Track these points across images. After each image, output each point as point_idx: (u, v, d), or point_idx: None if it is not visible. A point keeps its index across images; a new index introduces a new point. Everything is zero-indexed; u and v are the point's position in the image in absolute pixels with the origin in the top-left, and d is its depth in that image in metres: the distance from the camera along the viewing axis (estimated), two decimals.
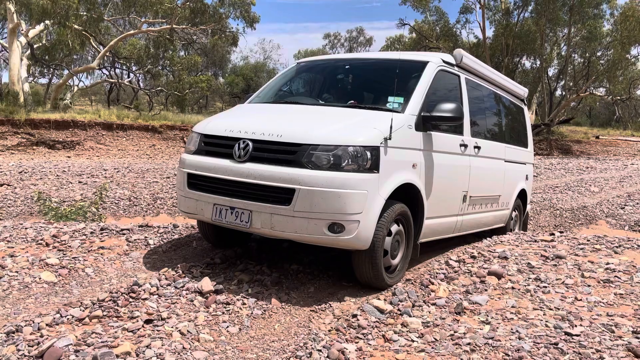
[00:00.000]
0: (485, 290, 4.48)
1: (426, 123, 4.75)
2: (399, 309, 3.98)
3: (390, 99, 4.81)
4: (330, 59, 6.25)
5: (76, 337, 3.26)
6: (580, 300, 4.27)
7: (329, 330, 3.64)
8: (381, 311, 3.93)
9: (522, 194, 7.65)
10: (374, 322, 3.76)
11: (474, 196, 5.81)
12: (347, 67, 5.91)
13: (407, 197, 4.62)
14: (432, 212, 4.99)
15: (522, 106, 7.99)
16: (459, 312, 3.96)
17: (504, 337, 3.49)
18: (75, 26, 24.63)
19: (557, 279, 4.77)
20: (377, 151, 4.12)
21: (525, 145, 7.86)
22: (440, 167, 4.99)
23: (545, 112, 35.03)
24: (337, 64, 6.08)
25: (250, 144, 4.25)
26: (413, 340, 3.49)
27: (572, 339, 3.48)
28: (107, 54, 27.97)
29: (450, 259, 5.31)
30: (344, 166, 4.00)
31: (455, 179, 5.39)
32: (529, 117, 8.10)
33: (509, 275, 4.86)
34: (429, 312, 3.97)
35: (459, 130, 5.47)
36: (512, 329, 3.63)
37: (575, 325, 3.71)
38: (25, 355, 3.05)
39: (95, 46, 28.67)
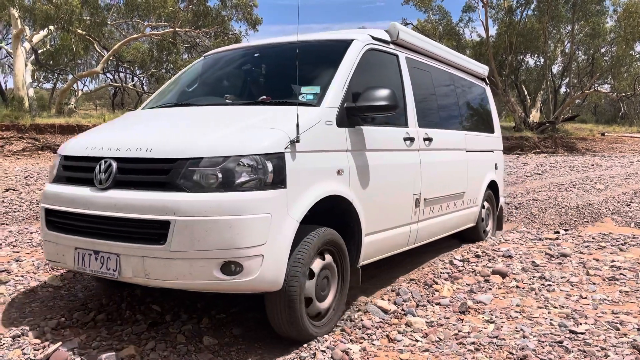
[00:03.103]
0: (490, 289, 4.47)
1: (352, 116, 3.80)
2: (402, 309, 3.97)
3: (303, 89, 3.84)
4: (239, 48, 5.15)
5: None
6: (585, 298, 4.26)
7: (333, 331, 3.64)
8: (385, 311, 3.92)
9: (493, 186, 6.77)
10: (378, 322, 3.76)
11: (430, 198, 4.87)
12: (256, 55, 4.85)
13: (335, 213, 3.75)
14: (374, 226, 4.05)
15: (484, 86, 7.13)
16: (463, 312, 3.95)
17: (508, 336, 3.49)
18: (79, 31, 24.74)
19: (562, 277, 4.75)
20: (281, 159, 3.15)
21: (491, 130, 6.98)
22: (379, 168, 4.05)
23: (549, 109, 34.93)
24: (246, 54, 4.98)
25: (114, 164, 3.22)
26: (417, 340, 3.49)
27: (577, 337, 3.47)
28: (111, 58, 28.09)
29: (455, 258, 5.31)
30: (237, 184, 3.02)
31: (401, 180, 4.42)
32: (492, 98, 7.25)
33: (514, 274, 4.85)
34: (433, 312, 3.97)
35: (401, 121, 4.52)
36: (516, 328, 3.62)
37: (580, 324, 3.69)
38: None
39: (99, 50, 28.77)
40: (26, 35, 24.24)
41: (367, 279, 4.69)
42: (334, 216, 3.73)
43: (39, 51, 26.69)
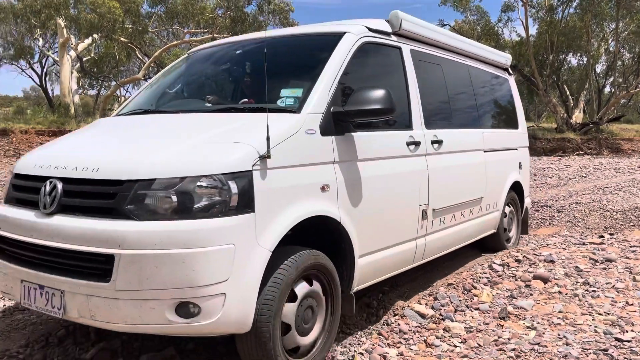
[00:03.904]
0: (531, 294, 4.38)
1: (341, 122, 3.30)
2: (440, 314, 3.93)
3: (283, 93, 3.39)
4: (224, 44, 4.50)
5: None
6: (632, 305, 4.11)
7: (370, 333, 3.63)
8: (422, 316, 3.89)
9: (517, 188, 6.13)
10: (415, 326, 3.73)
11: (440, 208, 4.30)
12: (239, 52, 4.27)
13: (322, 233, 3.28)
14: (371, 246, 3.56)
15: (507, 77, 6.40)
16: (503, 317, 3.88)
17: (550, 343, 3.40)
18: (122, 39, 25.48)
19: (606, 283, 4.61)
20: (248, 179, 2.68)
21: (515, 126, 6.30)
22: (375, 180, 3.54)
23: (593, 110, 33.91)
24: (230, 50, 4.36)
25: (59, 185, 2.79)
26: (455, 346, 3.44)
27: (623, 345, 3.36)
28: (152, 64, 28.77)
29: (494, 263, 5.21)
30: (194, 210, 2.56)
31: (403, 191, 3.86)
32: (517, 90, 6.58)
33: (556, 279, 4.73)
34: (472, 317, 3.91)
35: (403, 123, 3.98)
36: (559, 335, 3.53)
37: (626, 331, 3.57)
38: None
39: (141, 57, 29.54)
40: (72, 44, 25.12)
41: (405, 282, 4.66)
42: (325, 234, 3.30)
43: (84, 59, 27.58)
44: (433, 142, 4.22)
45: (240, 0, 28.26)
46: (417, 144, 4.01)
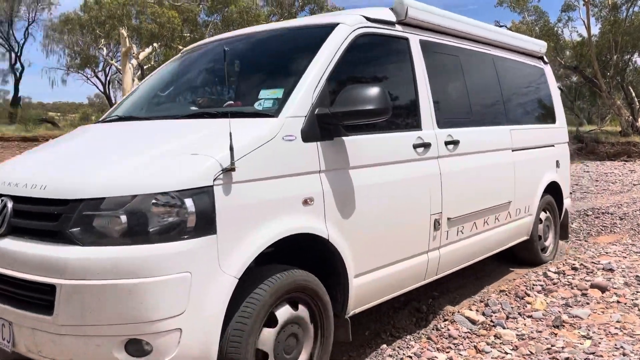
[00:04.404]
0: (587, 303, 4.26)
1: (328, 126, 2.91)
2: (491, 320, 3.89)
3: (262, 94, 3.03)
4: (216, 40, 4.14)
5: None
6: None
7: (419, 337, 3.65)
8: (473, 322, 3.86)
9: (554, 189, 5.52)
10: (465, 332, 3.71)
11: (457, 216, 3.87)
12: (227, 49, 3.64)
13: (312, 250, 2.94)
14: (370, 263, 3.19)
15: (542, 66, 5.79)
16: (557, 326, 3.80)
17: (606, 353, 3.31)
18: (180, 47, 26.38)
19: None
20: (208, 196, 2.34)
21: (552, 120, 5.70)
22: (374, 189, 3.17)
23: None
24: (219, 47, 3.93)
25: (9, 204, 2.52)
26: (506, 353, 3.41)
27: None
28: None
29: (549, 271, 5.09)
30: (145, 233, 2.25)
31: (409, 200, 3.45)
32: (554, 80, 5.97)
33: (615, 288, 4.58)
34: (524, 325, 3.85)
35: (410, 123, 3.57)
36: (616, 345, 3.43)
37: None
38: None
39: None
40: (133, 53, 26.20)
41: (455, 288, 4.63)
42: (315, 251, 2.96)
43: (145, 67, 28.72)
44: (447, 143, 3.80)
45: (293, 7, 28.69)
46: (426, 145, 3.59)
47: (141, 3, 26.65)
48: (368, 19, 3.44)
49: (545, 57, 5.89)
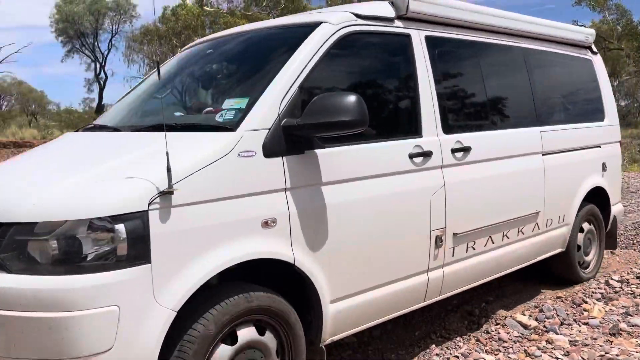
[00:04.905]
0: None
1: (297, 138, 2.62)
2: (544, 326, 3.88)
3: (226, 103, 2.77)
4: (211, 39, 3.84)
5: None
6: None
7: (468, 339, 3.71)
8: (525, 326, 3.87)
9: (599, 195, 4.93)
10: (516, 336, 3.73)
11: (465, 231, 3.48)
12: (209, 52, 3.61)
13: (273, 273, 2.69)
14: (351, 286, 2.90)
15: (589, 57, 5.15)
16: (614, 334, 3.74)
17: None
18: None
19: None
20: (141, 222, 2.13)
21: (599, 118, 5.06)
22: (355, 206, 2.86)
23: None
24: (207, 47, 3.69)
25: None
26: (557, 358, 3.41)
27: None
28: None
29: (612, 279, 4.96)
30: (75, 262, 2.08)
31: (403, 215, 3.11)
32: (604, 73, 5.33)
33: None
34: (579, 331, 3.81)
35: (407, 130, 3.24)
36: None
37: None
38: None
39: None
40: None
41: (511, 294, 4.63)
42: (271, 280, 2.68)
43: None
44: (455, 151, 3.42)
45: None
46: (427, 154, 3.22)
47: (214, 13, 27.82)
48: (358, 15, 3.09)
49: (593, 47, 5.27)
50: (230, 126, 2.54)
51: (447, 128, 3.42)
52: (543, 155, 4.22)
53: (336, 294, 2.81)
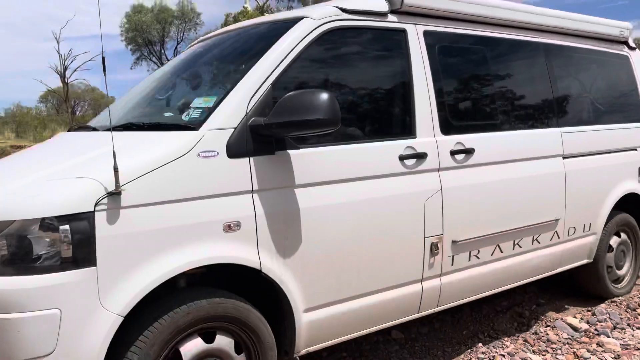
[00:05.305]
0: None
1: (267, 138, 2.51)
2: (596, 329, 3.85)
3: (195, 102, 2.69)
4: (209, 37, 3.75)
5: None
6: None
7: (516, 339, 3.74)
8: (575, 329, 3.86)
9: (633, 203, 4.52)
10: (566, 338, 3.73)
11: (466, 239, 3.27)
12: (199, 50, 3.55)
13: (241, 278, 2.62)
14: (330, 295, 2.75)
15: (625, 52, 4.77)
16: None
17: None
18: None
19: None
20: (87, 223, 2.09)
21: (635, 117, 4.68)
22: (335, 210, 2.72)
23: None
24: (201, 45, 3.64)
25: None
26: None
27: None
28: None
29: None
30: (18, 263, 2.06)
31: (390, 221, 2.93)
32: None
33: None
34: (632, 336, 3.77)
35: (398, 131, 3.09)
36: None
37: None
38: None
39: None
40: None
41: (563, 297, 4.59)
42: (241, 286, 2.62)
43: None
44: (455, 153, 3.22)
45: None
46: (420, 156, 3.05)
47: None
48: (345, 10, 2.94)
49: (631, 42, 4.88)
50: (194, 125, 2.46)
51: (447, 128, 3.22)
52: (564, 158, 3.91)
53: (311, 302, 2.68)
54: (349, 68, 3.06)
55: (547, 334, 3.78)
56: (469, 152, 3.29)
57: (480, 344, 3.67)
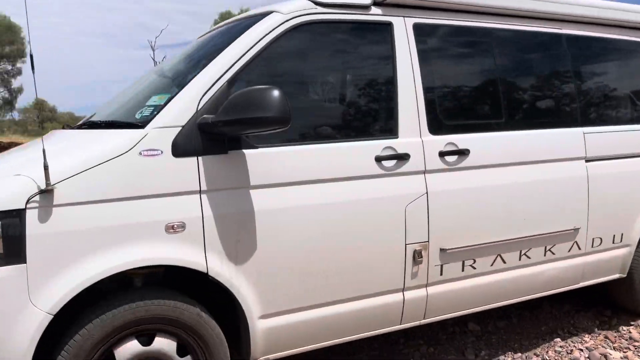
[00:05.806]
0: None
1: (219, 137, 2.43)
2: None
3: (151, 100, 2.62)
4: (201, 35, 3.69)
5: None
6: None
7: (597, 335, 3.73)
8: None
9: None
10: None
11: (457, 247, 3.03)
12: (191, 49, 3.41)
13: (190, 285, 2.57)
14: (293, 300, 2.63)
15: None
16: None
17: None
18: None
19: None
20: (17, 220, 2.11)
21: None
22: (296, 212, 2.58)
23: None
24: (190, 45, 3.55)
25: None
26: None
27: None
28: None
29: None
30: None
31: (362, 226, 2.75)
32: None
33: None
34: None
35: (374, 130, 2.87)
36: None
37: None
38: None
39: None
40: None
41: None
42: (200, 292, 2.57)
43: None
44: (445, 154, 2.98)
45: None
46: (402, 157, 2.85)
47: None
48: (319, 3, 2.79)
49: None
50: (141, 123, 2.41)
51: (436, 128, 2.99)
52: (587, 161, 3.52)
53: (269, 308, 2.58)
54: (323, 65, 2.92)
55: (630, 332, 3.74)
56: (462, 153, 3.04)
57: (558, 339, 3.70)
